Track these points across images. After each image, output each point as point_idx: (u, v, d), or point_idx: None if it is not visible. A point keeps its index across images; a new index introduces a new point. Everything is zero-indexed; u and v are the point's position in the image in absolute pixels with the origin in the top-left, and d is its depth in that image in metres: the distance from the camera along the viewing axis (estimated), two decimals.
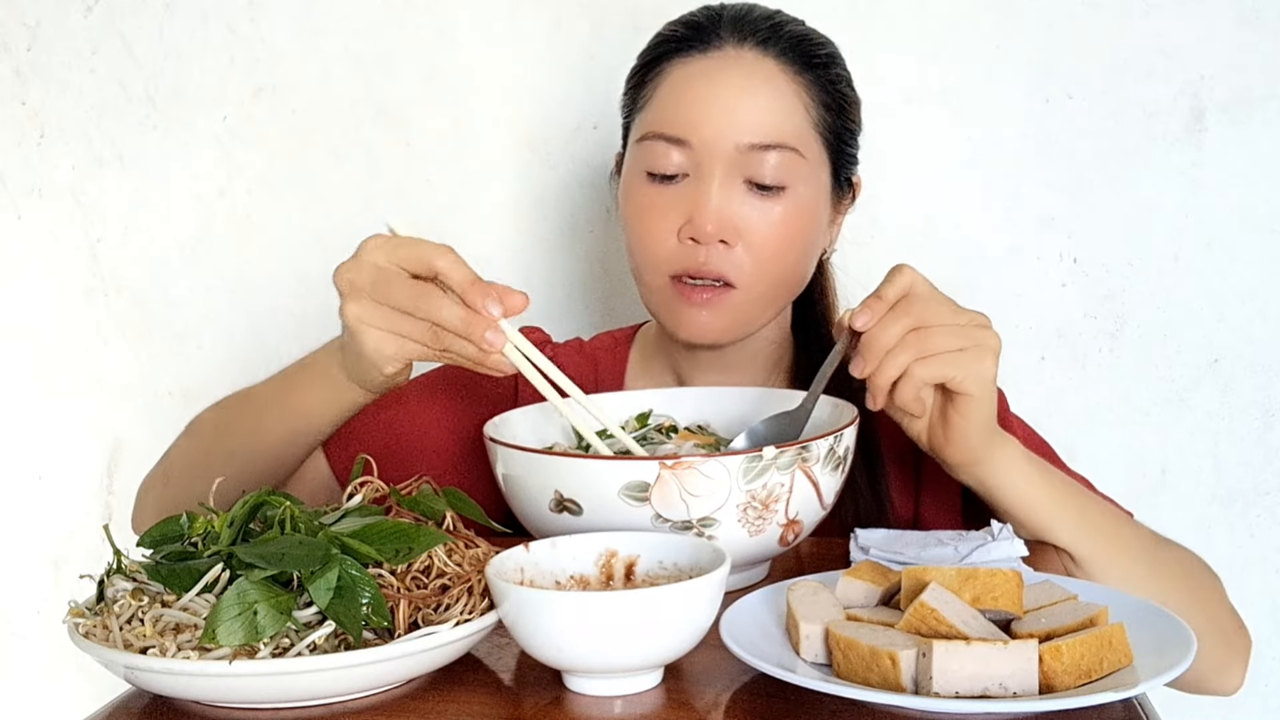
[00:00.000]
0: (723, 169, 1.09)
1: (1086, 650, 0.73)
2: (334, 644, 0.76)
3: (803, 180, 1.11)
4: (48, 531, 1.65)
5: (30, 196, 1.61)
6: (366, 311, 0.92)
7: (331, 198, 1.56)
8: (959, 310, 0.95)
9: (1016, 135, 1.45)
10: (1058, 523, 1.01)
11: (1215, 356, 1.45)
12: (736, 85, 1.10)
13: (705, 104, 1.10)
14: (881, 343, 0.93)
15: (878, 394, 0.95)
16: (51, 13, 1.57)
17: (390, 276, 0.91)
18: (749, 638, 0.78)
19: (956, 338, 0.93)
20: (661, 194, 1.11)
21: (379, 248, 0.92)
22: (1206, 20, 1.41)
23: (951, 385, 0.94)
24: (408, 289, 0.90)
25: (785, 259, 1.12)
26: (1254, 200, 1.43)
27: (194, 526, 0.83)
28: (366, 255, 0.92)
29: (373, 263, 0.91)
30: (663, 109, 1.12)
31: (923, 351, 0.93)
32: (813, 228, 1.14)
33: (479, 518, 0.90)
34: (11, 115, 1.59)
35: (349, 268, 0.92)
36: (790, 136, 1.10)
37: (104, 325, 1.62)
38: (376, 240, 0.92)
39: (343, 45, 1.54)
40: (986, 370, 0.94)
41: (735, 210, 1.10)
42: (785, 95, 1.11)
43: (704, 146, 1.09)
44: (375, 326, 0.92)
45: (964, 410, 0.96)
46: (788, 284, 1.16)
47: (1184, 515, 1.47)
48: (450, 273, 0.90)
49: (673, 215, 1.11)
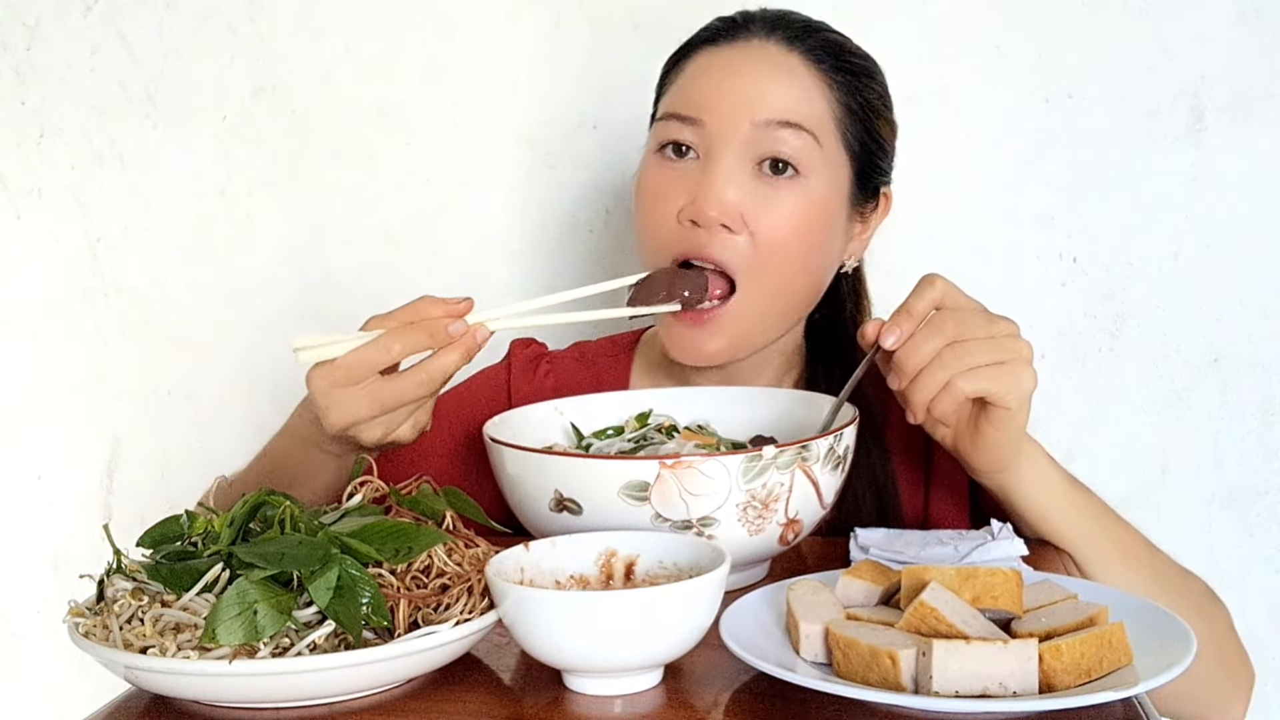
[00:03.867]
0: (734, 150, 1.07)
1: (1086, 650, 0.73)
2: (334, 644, 0.76)
3: (816, 171, 1.08)
4: (48, 531, 1.65)
5: (30, 196, 1.61)
6: (386, 425, 0.96)
7: (331, 198, 1.56)
8: (991, 320, 0.94)
9: (1016, 135, 1.45)
10: (1073, 530, 1.02)
11: (1215, 356, 1.45)
12: (756, 69, 1.09)
13: (722, 85, 1.09)
14: (914, 361, 0.93)
15: (918, 410, 0.94)
16: (51, 12, 1.57)
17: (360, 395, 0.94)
18: (749, 637, 0.78)
19: (993, 351, 0.93)
20: (671, 171, 1.09)
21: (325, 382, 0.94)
22: (1206, 20, 1.41)
23: (991, 399, 0.94)
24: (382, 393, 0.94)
25: (790, 252, 1.08)
26: (1254, 200, 1.43)
27: (194, 526, 0.83)
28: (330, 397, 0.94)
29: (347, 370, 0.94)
30: (681, 92, 1.12)
31: (960, 366, 0.92)
32: (824, 225, 1.10)
33: (479, 517, 0.90)
34: (11, 115, 1.59)
35: (327, 416, 0.95)
36: (807, 119, 1.08)
37: (104, 325, 1.62)
38: (319, 372, 0.94)
39: (343, 45, 1.54)
40: (1025, 384, 0.93)
41: (742, 193, 1.06)
42: (806, 85, 1.09)
43: (717, 125, 1.07)
44: (398, 429, 0.97)
45: (998, 422, 0.95)
46: (793, 287, 1.11)
47: (1184, 514, 1.47)
48: (394, 347, 0.93)
49: (677, 195, 1.08)
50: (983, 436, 0.97)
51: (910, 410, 0.96)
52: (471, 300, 0.96)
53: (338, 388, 0.94)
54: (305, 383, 0.95)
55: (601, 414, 1.10)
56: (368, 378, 0.94)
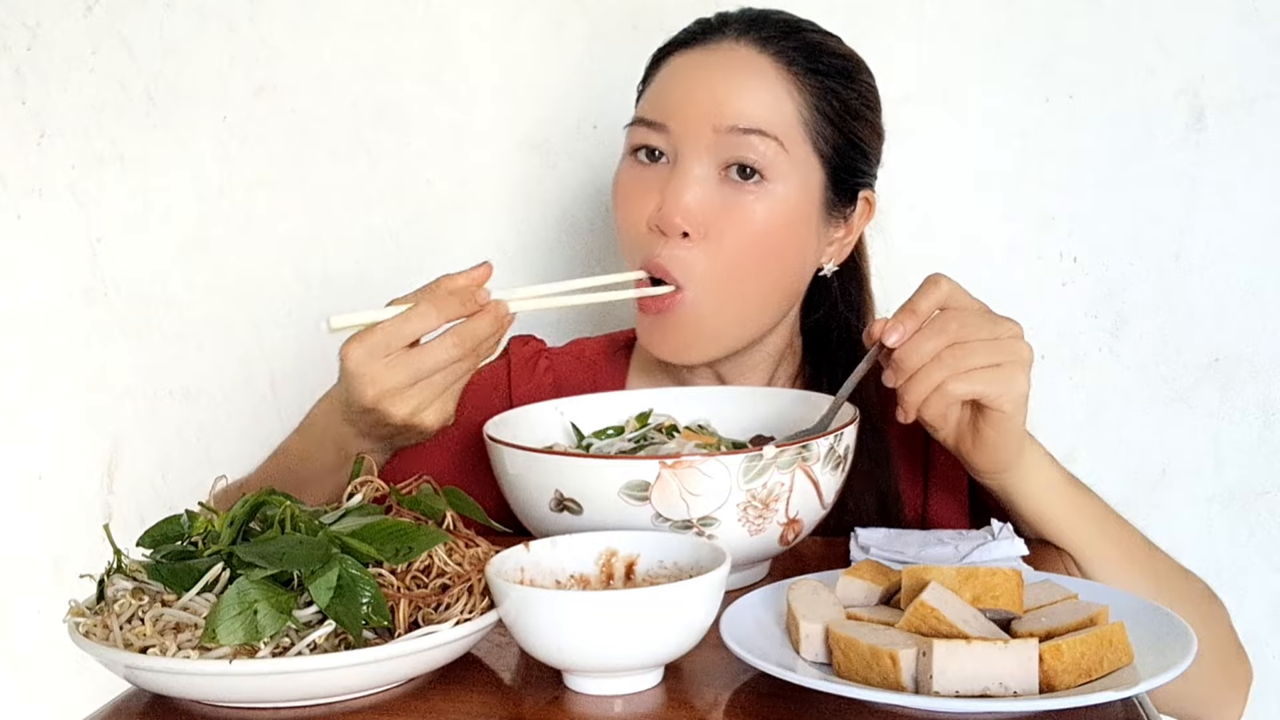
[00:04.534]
0: (700, 155, 1.07)
1: (1087, 649, 0.73)
2: (334, 643, 0.76)
3: (783, 177, 1.08)
4: (48, 531, 1.65)
5: (30, 196, 1.61)
6: (395, 380, 0.95)
7: (331, 198, 1.56)
8: (995, 321, 0.94)
9: (1017, 134, 1.45)
10: (1074, 531, 1.02)
11: (1215, 356, 1.45)
12: (721, 71, 1.09)
13: (686, 88, 1.09)
14: (914, 360, 0.93)
15: (909, 409, 0.95)
16: (51, 12, 1.57)
17: (396, 363, 0.95)
18: (749, 637, 0.78)
19: (991, 353, 0.93)
20: (643, 173, 1.10)
21: (362, 351, 0.95)
22: (1206, 20, 1.41)
23: (985, 401, 0.94)
24: (411, 366, 0.95)
25: (750, 258, 1.08)
26: (1254, 199, 1.43)
27: (194, 526, 0.83)
28: (363, 351, 0.95)
29: (371, 349, 0.95)
30: (652, 96, 1.13)
31: (957, 368, 0.92)
32: (789, 230, 1.10)
33: (479, 517, 0.90)
34: (11, 115, 1.59)
35: (361, 387, 0.95)
36: (772, 125, 1.07)
37: (104, 325, 1.62)
38: (355, 343, 0.95)
39: (343, 45, 1.54)
40: (1018, 387, 0.94)
41: (706, 199, 1.07)
42: (773, 87, 1.08)
43: (681, 130, 1.08)
44: (427, 409, 0.97)
45: (995, 424, 0.96)
46: (752, 290, 1.10)
47: (1184, 514, 1.47)
48: (431, 313, 0.95)
49: (646, 200, 1.09)
50: (982, 438, 0.97)
51: (901, 408, 0.96)
52: (489, 264, 0.98)
53: (373, 357, 0.95)
54: (340, 359, 0.96)
55: (602, 414, 1.10)
56: (403, 347, 0.95)
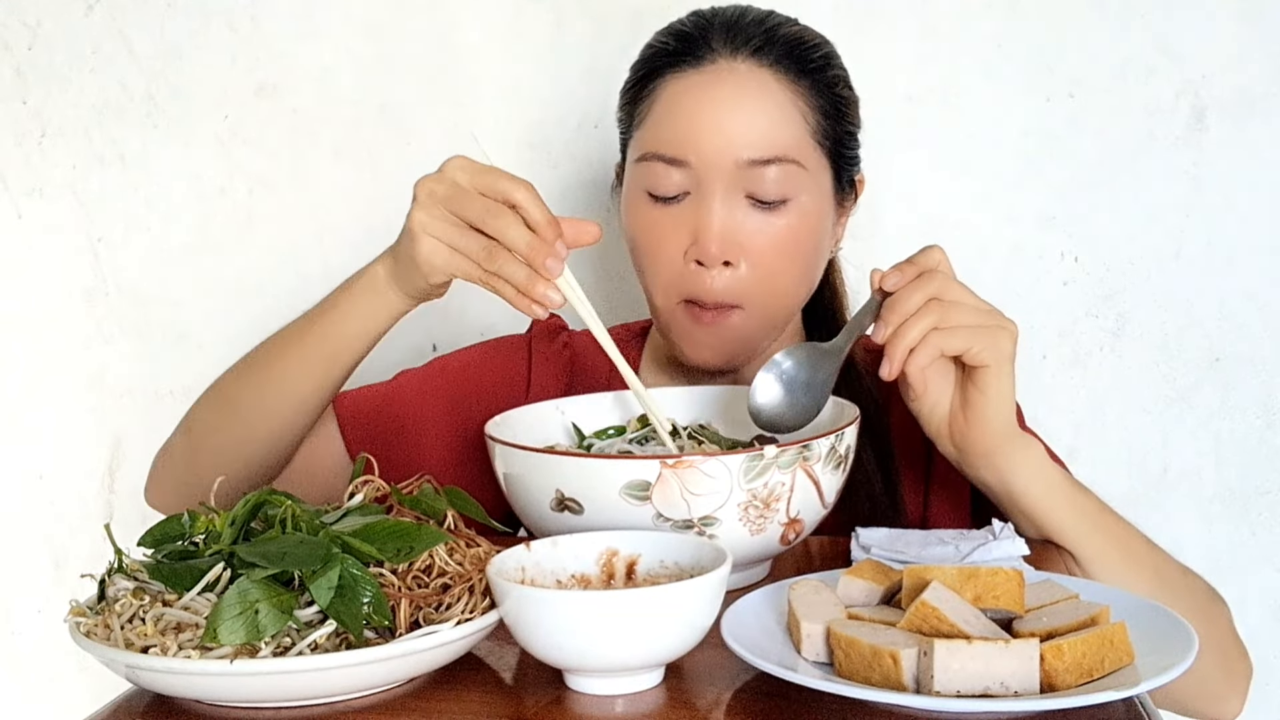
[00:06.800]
0: (723, 186, 1.08)
1: (1088, 649, 0.73)
2: (335, 643, 0.76)
3: (804, 190, 1.10)
4: (48, 531, 1.65)
5: (31, 196, 1.61)
6: (433, 221, 0.96)
7: (331, 198, 1.56)
8: (979, 298, 0.98)
9: (1017, 134, 1.45)
10: (1074, 529, 1.02)
11: (1216, 355, 1.45)
12: (732, 100, 1.09)
13: (701, 121, 1.09)
14: (904, 308, 0.96)
15: (895, 359, 0.96)
16: (52, 12, 1.57)
17: (468, 192, 0.96)
18: (750, 637, 0.78)
19: (975, 316, 0.96)
20: (665, 215, 1.10)
21: (463, 168, 0.97)
22: (1207, 19, 1.41)
23: (968, 358, 0.96)
24: (481, 204, 0.95)
25: (791, 272, 1.12)
26: (1255, 199, 1.43)
27: (195, 526, 0.83)
28: (450, 171, 0.97)
29: (453, 179, 0.96)
30: (659, 128, 1.11)
31: (943, 322, 0.95)
32: (817, 236, 1.13)
33: (480, 517, 0.90)
34: (12, 115, 1.59)
35: (430, 179, 0.97)
36: (790, 149, 1.09)
37: (104, 325, 1.62)
38: (462, 161, 0.97)
39: (343, 45, 1.54)
40: (1003, 345, 0.96)
41: (738, 226, 1.08)
42: (783, 106, 1.09)
43: (703, 164, 1.08)
44: (434, 236, 0.96)
45: (982, 384, 0.97)
46: (794, 297, 1.15)
47: (1185, 514, 1.47)
48: (528, 206, 0.95)
49: (677, 236, 1.10)
50: (972, 407, 0.98)
51: (888, 360, 0.97)
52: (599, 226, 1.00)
53: (467, 171, 0.97)
54: (414, 188, 0.98)
55: (603, 413, 1.10)
56: (492, 194, 0.95)
